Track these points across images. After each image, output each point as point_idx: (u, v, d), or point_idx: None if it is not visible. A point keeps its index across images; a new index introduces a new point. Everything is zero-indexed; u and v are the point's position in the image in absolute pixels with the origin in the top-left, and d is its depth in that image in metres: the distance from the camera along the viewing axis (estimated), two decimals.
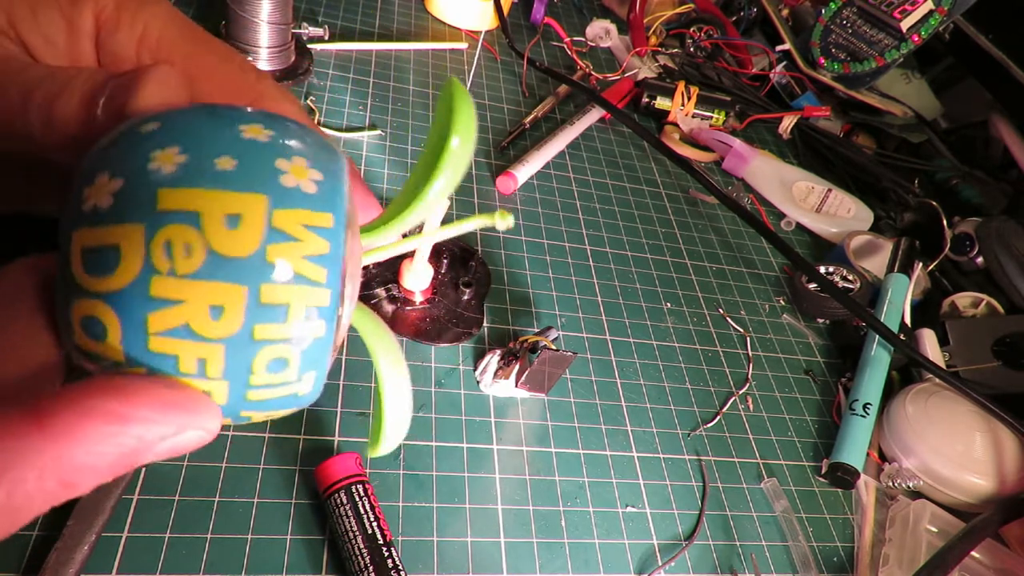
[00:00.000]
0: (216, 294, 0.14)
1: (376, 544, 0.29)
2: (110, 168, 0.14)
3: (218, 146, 0.14)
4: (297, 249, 0.14)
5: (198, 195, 0.14)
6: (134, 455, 0.14)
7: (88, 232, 0.14)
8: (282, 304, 0.14)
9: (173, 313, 0.14)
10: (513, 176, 0.52)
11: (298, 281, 0.14)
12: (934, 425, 0.43)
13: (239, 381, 0.15)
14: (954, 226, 0.61)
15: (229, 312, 0.14)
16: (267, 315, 0.14)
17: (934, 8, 0.65)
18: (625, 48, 0.76)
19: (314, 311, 0.15)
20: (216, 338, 0.14)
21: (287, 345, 0.15)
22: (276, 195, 0.14)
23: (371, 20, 0.66)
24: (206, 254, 0.14)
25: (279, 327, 0.15)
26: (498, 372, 0.39)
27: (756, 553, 0.37)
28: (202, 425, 0.15)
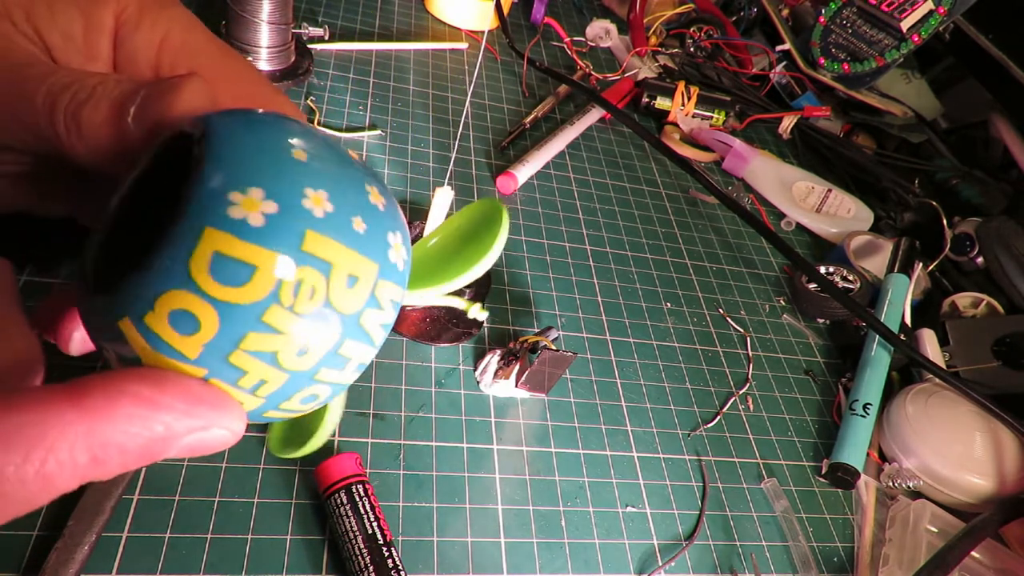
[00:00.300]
0: (311, 336, 0.15)
1: (376, 544, 0.29)
2: (265, 186, 0.15)
3: (355, 204, 0.16)
4: (379, 317, 0.17)
5: (335, 248, 0.15)
6: (161, 443, 0.15)
7: (228, 240, 0.14)
8: (348, 358, 0.16)
9: (271, 339, 0.15)
10: (513, 176, 0.52)
11: (368, 342, 0.17)
12: (934, 425, 0.43)
13: (275, 402, 0.16)
14: (954, 226, 0.61)
15: (311, 354, 0.16)
16: (334, 363, 0.16)
17: (934, 8, 0.65)
18: (625, 48, 0.76)
19: (361, 367, 0.17)
20: (288, 370, 0.16)
21: (327, 387, 0.17)
22: (384, 267, 0.16)
23: (371, 20, 0.66)
24: (323, 302, 0.15)
25: (335, 374, 0.17)
26: (498, 372, 0.39)
27: (756, 553, 0.37)
28: (228, 425, 0.16)
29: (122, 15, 0.20)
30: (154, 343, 0.15)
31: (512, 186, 0.53)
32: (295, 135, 0.16)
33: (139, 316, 0.14)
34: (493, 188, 0.53)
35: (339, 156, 0.17)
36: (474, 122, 0.59)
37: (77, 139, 0.17)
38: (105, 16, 0.19)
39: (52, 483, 0.13)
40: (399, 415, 0.36)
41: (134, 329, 0.15)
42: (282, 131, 0.16)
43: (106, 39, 0.20)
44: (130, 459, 0.14)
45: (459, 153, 0.55)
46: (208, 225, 0.14)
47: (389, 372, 0.38)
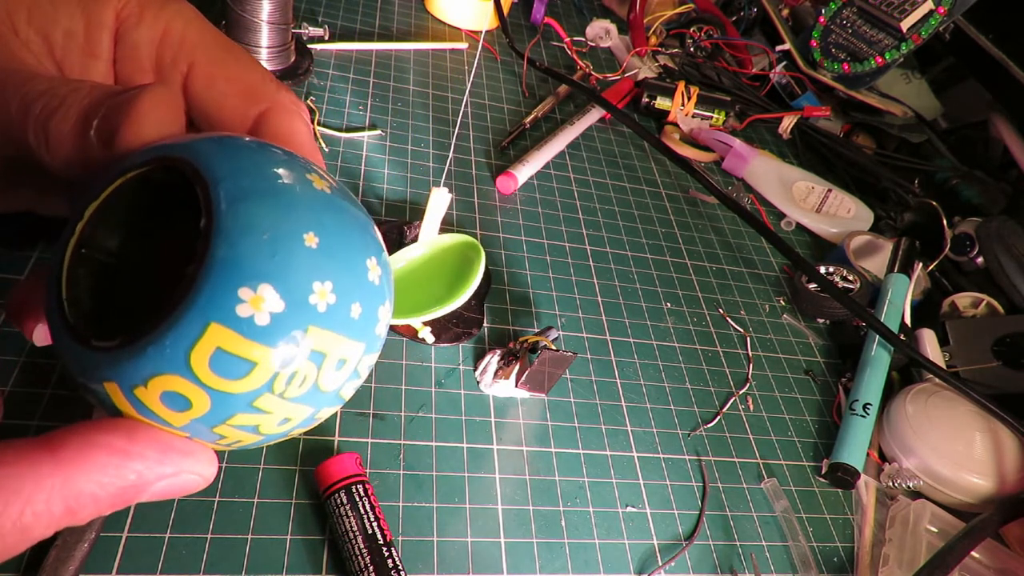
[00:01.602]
0: (295, 413, 0.16)
1: (376, 544, 0.29)
2: (276, 284, 0.15)
3: (356, 290, 0.16)
4: (357, 383, 0.17)
5: (331, 339, 0.16)
6: (133, 490, 0.15)
7: (233, 337, 0.14)
8: (320, 418, 0.18)
9: (255, 418, 0.16)
10: (513, 176, 0.52)
11: (340, 403, 0.18)
12: (934, 425, 0.43)
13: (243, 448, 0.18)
14: (954, 226, 0.61)
15: (291, 423, 0.17)
16: (308, 423, 0.17)
17: (934, 8, 0.65)
18: (625, 48, 0.76)
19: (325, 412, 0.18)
20: (265, 435, 0.16)
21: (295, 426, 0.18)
22: (369, 342, 0.17)
23: (371, 20, 0.66)
24: (311, 387, 0.16)
25: (306, 427, 0.18)
26: (498, 372, 0.39)
27: (756, 553, 0.37)
28: (199, 471, 0.16)
29: (123, 11, 0.20)
30: (140, 409, 0.15)
31: (512, 186, 0.53)
32: (308, 207, 0.16)
33: (129, 387, 0.15)
34: (493, 188, 0.53)
35: (347, 224, 0.17)
36: (474, 122, 0.59)
37: (46, 150, 0.17)
38: (106, 13, 0.19)
39: (28, 533, 0.14)
40: (399, 415, 0.36)
41: (121, 395, 0.15)
42: (297, 207, 0.16)
43: (107, 36, 0.20)
44: (103, 506, 0.15)
45: (459, 153, 0.55)
46: (214, 320, 0.14)
47: (389, 372, 0.38)
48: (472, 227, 0.49)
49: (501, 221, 0.50)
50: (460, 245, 0.24)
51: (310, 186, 0.16)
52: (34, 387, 0.31)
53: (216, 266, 0.14)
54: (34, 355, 0.32)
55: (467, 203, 0.51)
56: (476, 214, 0.50)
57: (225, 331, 0.14)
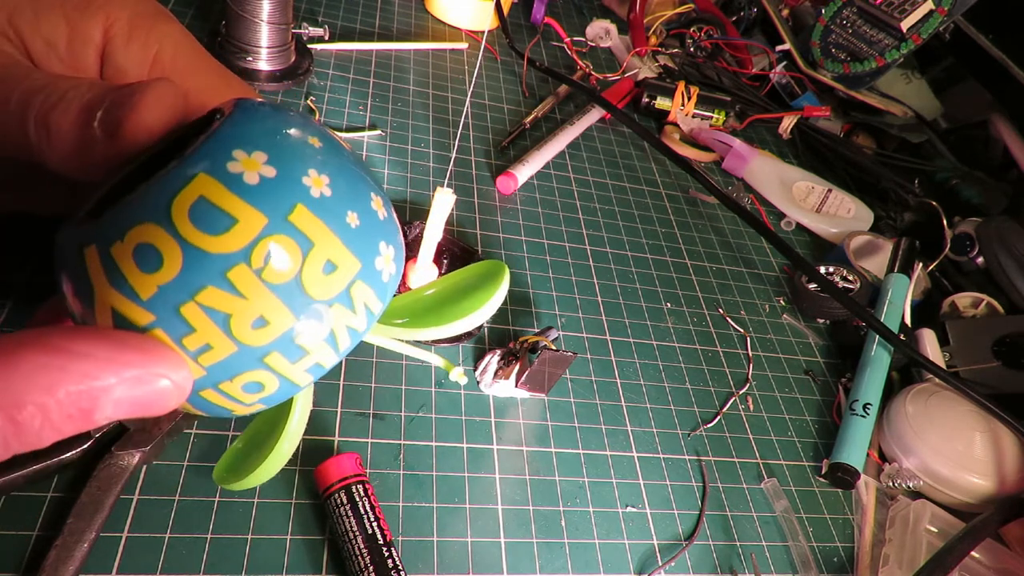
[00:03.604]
0: (271, 311, 0.15)
1: (376, 544, 0.29)
2: (271, 153, 0.15)
3: (354, 200, 0.16)
4: (348, 319, 0.16)
5: (322, 229, 0.15)
6: (88, 397, 0.13)
7: (218, 188, 0.14)
8: (305, 350, 0.16)
9: (227, 300, 0.14)
10: (513, 176, 0.52)
11: (330, 341, 0.16)
12: (934, 425, 0.43)
13: (214, 378, 0.15)
14: (954, 226, 0.61)
15: (267, 330, 0.15)
16: (288, 351, 0.15)
17: (934, 8, 0.65)
18: (625, 48, 0.76)
19: (316, 368, 0.16)
20: (239, 340, 0.15)
21: (275, 378, 0.16)
22: (367, 268, 0.16)
23: (371, 20, 0.66)
24: (293, 278, 0.15)
25: (287, 364, 0.16)
26: (498, 372, 0.39)
27: (756, 553, 0.37)
28: (167, 373, 0.14)
29: (111, 29, 0.19)
30: (111, 276, 0.14)
31: (512, 186, 0.53)
32: (320, 132, 0.17)
33: (107, 244, 0.14)
34: (493, 188, 0.53)
35: (354, 162, 0.17)
36: (474, 122, 0.59)
37: (47, 145, 0.17)
38: (93, 29, 0.19)
39: None
40: (399, 415, 0.36)
41: (97, 259, 0.14)
42: (308, 124, 0.17)
43: (93, 52, 0.19)
44: (56, 419, 0.12)
45: (459, 153, 0.55)
46: (203, 171, 0.14)
47: (389, 372, 0.38)
48: (472, 227, 0.49)
49: (501, 221, 0.50)
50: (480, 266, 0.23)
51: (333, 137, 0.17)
52: None
53: (217, 132, 0.15)
54: None
55: (467, 203, 0.51)
56: (476, 214, 0.50)
57: (212, 182, 0.14)
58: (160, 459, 0.31)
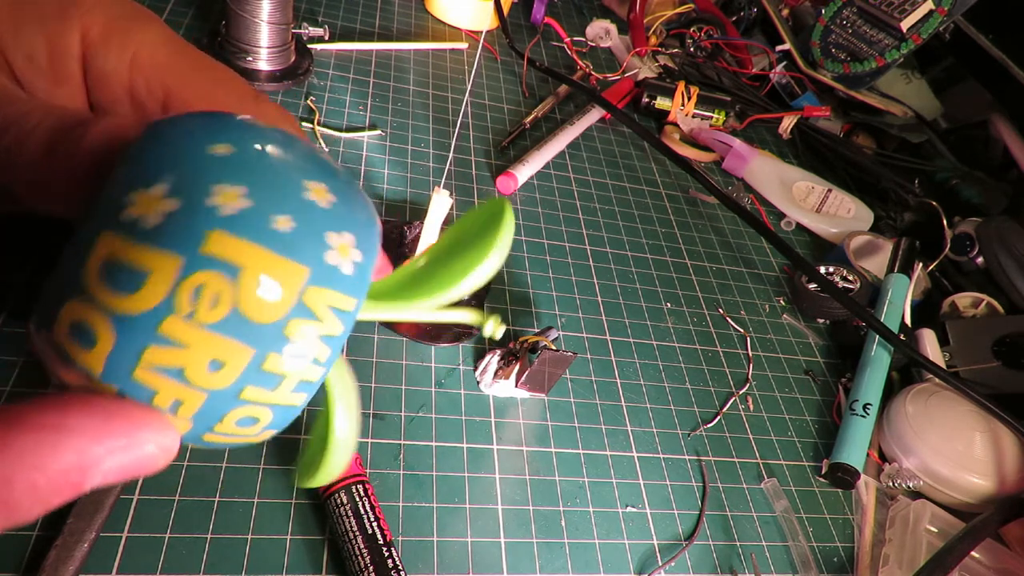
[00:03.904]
0: (223, 350, 0.13)
1: (376, 544, 0.29)
2: (169, 182, 0.13)
3: (282, 201, 0.14)
4: (315, 328, 0.14)
5: (246, 249, 0.13)
6: (79, 472, 0.13)
7: (121, 243, 0.13)
8: (279, 375, 0.14)
9: (173, 354, 0.13)
10: (513, 176, 0.52)
11: (303, 356, 0.14)
12: (934, 425, 0.43)
13: (204, 425, 0.15)
14: (954, 226, 0.61)
15: (227, 369, 0.14)
16: (261, 381, 0.14)
17: (934, 8, 0.65)
18: (625, 48, 0.76)
19: (304, 385, 0.15)
20: (203, 387, 0.14)
21: (264, 408, 0.15)
22: (317, 271, 0.14)
23: (371, 20, 0.66)
24: (230, 310, 0.13)
25: (267, 393, 0.14)
26: (498, 372, 0.39)
27: (756, 553, 0.37)
28: (154, 439, 0.14)
29: (88, 36, 0.18)
30: (62, 357, 0.13)
31: (512, 186, 0.53)
32: (230, 131, 0.15)
33: (48, 327, 0.13)
34: (493, 188, 0.53)
35: (281, 152, 0.15)
36: (474, 122, 0.59)
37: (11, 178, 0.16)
38: (70, 40, 0.18)
39: None
40: (399, 415, 0.36)
41: (45, 342, 0.14)
42: (212, 127, 0.15)
43: (74, 62, 0.18)
44: (47, 496, 0.12)
45: (459, 153, 0.55)
46: (103, 228, 0.13)
47: (389, 372, 0.38)
48: None
49: None
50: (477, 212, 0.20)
51: (255, 127, 0.15)
52: (34, 387, 0.31)
53: (114, 180, 0.13)
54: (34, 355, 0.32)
55: (467, 203, 0.51)
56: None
57: (114, 237, 0.13)
58: None
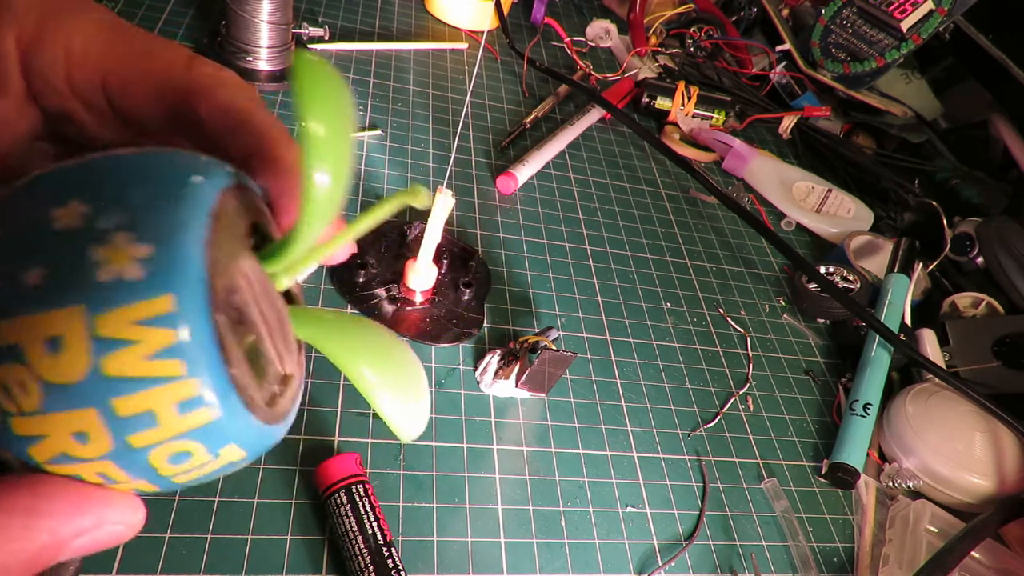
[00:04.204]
0: (71, 422, 0.13)
1: (376, 544, 0.29)
2: None
3: (29, 251, 0.13)
4: (136, 352, 0.13)
5: (15, 325, 0.12)
6: (49, 553, 0.13)
7: None
8: (145, 411, 0.13)
9: (47, 445, 0.13)
10: (513, 176, 0.52)
11: (150, 385, 0.13)
12: (934, 425, 0.43)
13: (152, 476, 0.14)
14: (954, 226, 0.61)
15: (94, 435, 0.13)
16: (135, 425, 0.13)
17: (934, 8, 0.65)
18: (625, 48, 0.76)
19: (189, 403, 0.13)
20: (98, 457, 0.13)
21: (178, 441, 0.14)
22: (93, 299, 0.12)
23: (371, 20, 0.66)
24: (40, 388, 0.12)
25: (155, 431, 0.13)
26: (498, 372, 0.39)
27: (756, 553, 0.37)
28: (121, 519, 0.14)
29: (23, 37, 0.18)
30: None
31: (512, 186, 0.53)
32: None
33: None
34: (493, 188, 0.53)
35: (26, 191, 0.14)
36: (474, 122, 0.59)
37: None
38: (5, 44, 0.18)
39: None
40: None
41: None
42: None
43: (13, 65, 0.18)
44: (16, 573, 0.13)
45: (459, 153, 0.55)
46: None
47: None
48: (472, 227, 0.49)
49: (501, 221, 0.50)
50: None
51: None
52: None
53: None
54: None
55: (467, 203, 0.51)
56: (476, 214, 0.50)
57: None
58: None
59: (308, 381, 0.36)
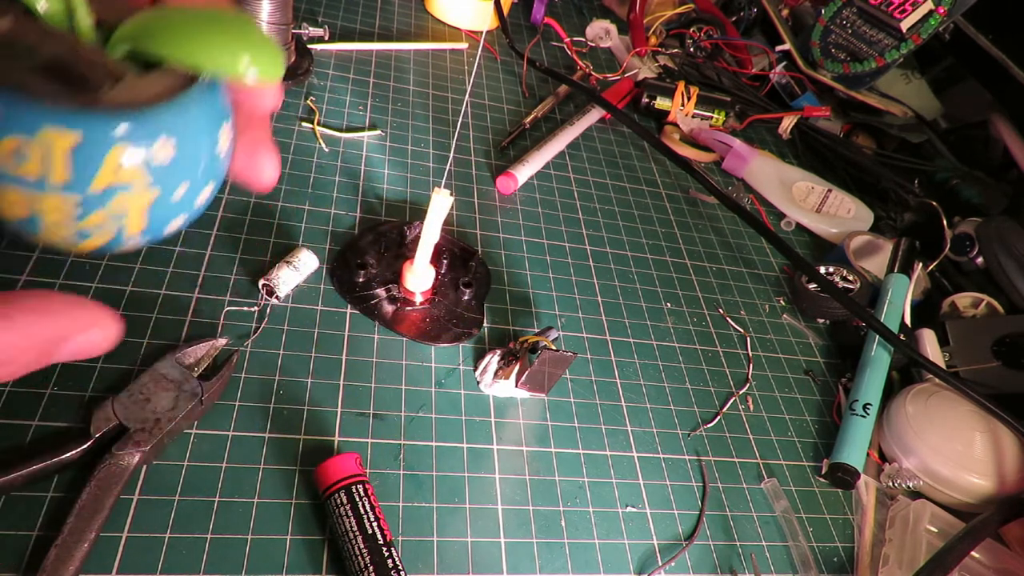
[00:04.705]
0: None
1: (376, 544, 0.29)
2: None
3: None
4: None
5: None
6: (54, 343, 0.19)
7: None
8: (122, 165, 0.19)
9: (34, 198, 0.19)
10: (513, 176, 0.52)
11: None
12: (934, 425, 0.43)
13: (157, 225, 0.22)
14: (954, 226, 0.61)
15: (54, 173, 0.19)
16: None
17: (934, 8, 0.65)
18: (625, 48, 0.76)
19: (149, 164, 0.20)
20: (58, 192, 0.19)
21: (139, 178, 0.20)
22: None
23: (371, 20, 0.66)
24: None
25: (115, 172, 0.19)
26: (498, 372, 0.39)
27: (756, 553, 0.37)
28: (101, 326, 0.20)
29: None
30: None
31: (512, 186, 0.53)
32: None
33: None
34: (493, 188, 0.53)
35: None
36: (474, 122, 0.59)
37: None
38: None
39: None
40: (399, 415, 0.36)
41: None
42: None
43: None
44: (29, 358, 0.18)
45: (459, 153, 0.55)
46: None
47: (389, 372, 0.38)
48: (472, 227, 0.49)
49: (501, 221, 0.50)
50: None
51: None
52: (34, 387, 0.31)
53: None
54: None
55: (467, 203, 0.51)
56: (476, 214, 0.50)
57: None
58: (160, 459, 0.31)
59: (308, 381, 0.36)
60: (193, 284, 0.38)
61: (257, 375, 0.35)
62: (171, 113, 0.20)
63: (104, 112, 0.19)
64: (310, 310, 0.39)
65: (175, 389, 0.32)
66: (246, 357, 0.36)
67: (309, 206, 0.45)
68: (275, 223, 0.43)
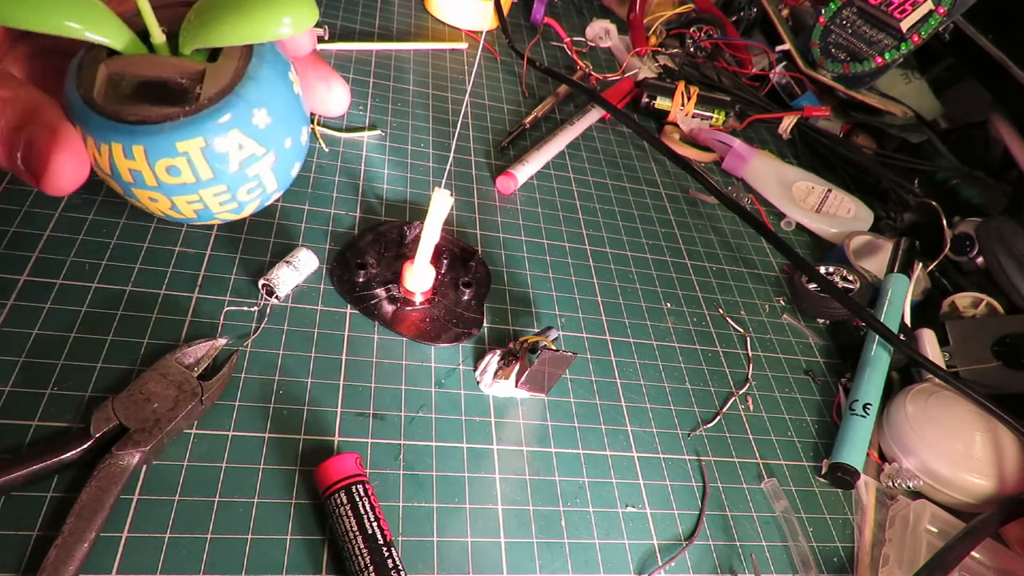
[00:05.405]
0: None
1: (376, 544, 0.29)
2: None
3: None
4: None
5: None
6: (83, 160, 0.22)
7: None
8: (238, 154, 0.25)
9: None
10: (513, 176, 0.52)
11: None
12: (934, 425, 0.43)
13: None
14: (954, 226, 0.61)
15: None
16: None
17: (934, 8, 0.65)
18: (625, 48, 0.76)
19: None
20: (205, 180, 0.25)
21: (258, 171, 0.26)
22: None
23: (371, 20, 0.66)
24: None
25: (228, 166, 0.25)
26: (498, 372, 0.39)
27: (756, 553, 0.37)
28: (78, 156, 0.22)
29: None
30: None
31: (512, 186, 0.53)
32: None
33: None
34: (493, 188, 0.53)
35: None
36: (474, 122, 0.59)
37: None
38: None
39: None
40: (399, 415, 0.36)
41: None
42: None
43: None
44: (71, 173, 0.22)
45: (459, 153, 0.55)
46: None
47: (389, 372, 0.38)
48: (472, 227, 0.49)
49: (501, 221, 0.50)
50: None
51: None
52: (34, 387, 0.31)
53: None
54: (33, 355, 0.32)
55: (467, 203, 0.51)
56: (476, 214, 0.50)
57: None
58: (160, 459, 0.31)
59: (308, 381, 0.36)
60: (193, 284, 0.38)
61: (257, 375, 0.35)
62: (253, 86, 0.24)
63: (209, 110, 0.23)
64: (310, 310, 0.39)
65: (175, 389, 0.32)
66: (246, 357, 0.36)
67: (309, 206, 0.45)
68: (275, 223, 0.43)
